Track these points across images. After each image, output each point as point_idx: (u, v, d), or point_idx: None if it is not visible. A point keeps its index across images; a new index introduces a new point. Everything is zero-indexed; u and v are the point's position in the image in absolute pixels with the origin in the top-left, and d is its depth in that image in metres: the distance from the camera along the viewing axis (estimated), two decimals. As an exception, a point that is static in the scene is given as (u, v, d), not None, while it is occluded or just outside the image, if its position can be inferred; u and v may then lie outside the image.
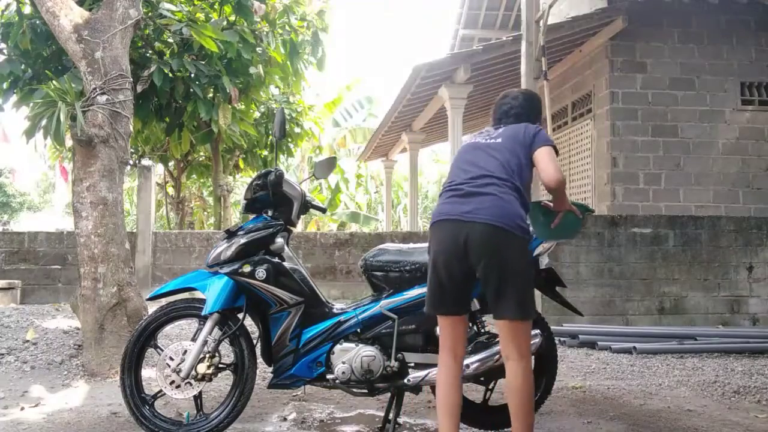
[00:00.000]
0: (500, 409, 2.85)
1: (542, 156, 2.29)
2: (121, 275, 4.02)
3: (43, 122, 4.39)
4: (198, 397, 2.72)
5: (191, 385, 2.66)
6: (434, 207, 2.39)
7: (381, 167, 17.05)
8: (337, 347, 2.66)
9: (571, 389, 3.77)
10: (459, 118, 8.48)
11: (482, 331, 2.76)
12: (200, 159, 11.02)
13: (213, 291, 2.69)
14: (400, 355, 2.64)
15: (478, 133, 2.52)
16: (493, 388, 2.84)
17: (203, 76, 5.77)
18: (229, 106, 6.31)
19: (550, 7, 5.69)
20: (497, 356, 2.61)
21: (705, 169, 7.47)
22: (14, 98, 5.62)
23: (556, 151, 2.35)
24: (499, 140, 2.38)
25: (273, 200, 2.80)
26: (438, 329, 2.39)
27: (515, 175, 2.28)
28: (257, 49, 6.35)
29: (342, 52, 60.87)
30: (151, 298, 2.87)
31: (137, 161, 9.98)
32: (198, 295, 2.82)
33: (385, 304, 2.69)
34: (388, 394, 2.76)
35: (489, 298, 2.23)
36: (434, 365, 2.63)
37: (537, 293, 2.58)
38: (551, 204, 2.46)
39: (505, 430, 2.77)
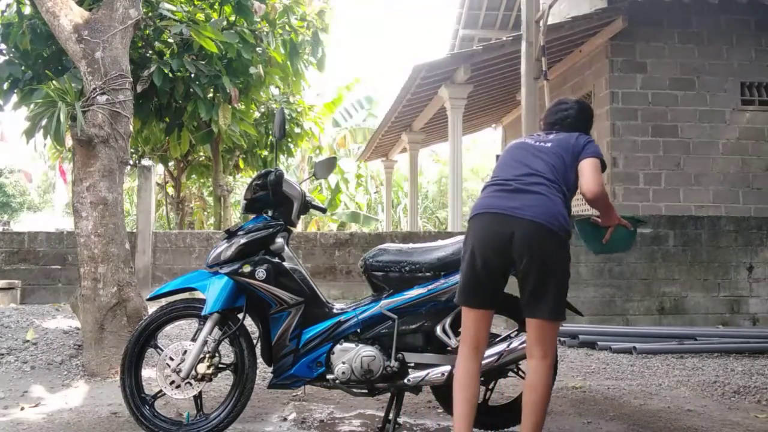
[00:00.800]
0: (500, 409, 2.86)
1: (586, 166, 2.30)
2: (121, 275, 4.02)
3: (43, 122, 4.39)
4: (198, 397, 2.72)
5: (191, 385, 2.66)
6: (476, 201, 2.39)
7: (381, 167, 17.05)
8: (337, 347, 2.66)
9: (571, 389, 3.77)
10: (459, 118, 8.49)
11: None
12: (200, 159, 11.01)
13: (213, 291, 2.69)
14: (400, 355, 2.64)
15: (529, 135, 2.56)
16: (493, 388, 2.84)
17: (203, 76, 5.77)
18: (229, 106, 6.30)
19: (550, 7, 5.69)
20: (498, 356, 2.62)
21: (705, 169, 7.47)
22: (14, 99, 5.62)
23: (604, 165, 2.35)
24: (549, 145, 2.40)
25: (273, 200, 2.80)
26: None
27: (560, 178, 2.30)
28: (257, 49, 6.35)
29: (342, 52, 60.84)
30: (151, 298, 2.87)
31: (137, 161, 9.97)
32: (198, 295, 2.82)
33: (385, 304, 2.69)
34: (388, 394, 2.76)
35: (524, 296, 2.23)
36: (434, 365, 2.64)
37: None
38: (600, 219, 2.47)
39: (506, 430, 2.77)
